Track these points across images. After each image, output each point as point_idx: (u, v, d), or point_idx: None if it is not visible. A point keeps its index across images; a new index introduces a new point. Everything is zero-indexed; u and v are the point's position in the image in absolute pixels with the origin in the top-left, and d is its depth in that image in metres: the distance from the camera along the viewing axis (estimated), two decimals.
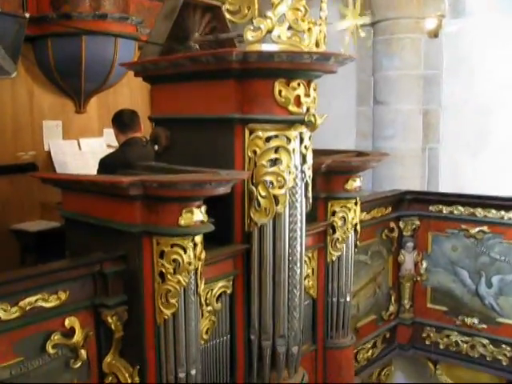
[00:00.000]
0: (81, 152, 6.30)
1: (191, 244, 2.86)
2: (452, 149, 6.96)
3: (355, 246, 4.24)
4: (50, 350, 2.80)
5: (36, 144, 6.15)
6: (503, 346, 5.19)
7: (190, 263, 2.86)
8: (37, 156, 6.13)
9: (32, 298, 2.67)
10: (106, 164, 4.70)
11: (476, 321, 5.33)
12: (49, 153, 6.16)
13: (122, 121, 4.98)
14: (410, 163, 6.96)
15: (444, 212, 5.46)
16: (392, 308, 5.50)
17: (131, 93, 6.90)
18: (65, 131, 6.37)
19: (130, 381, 2.99)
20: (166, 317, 2.90)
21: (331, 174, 4.07)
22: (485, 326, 5.28)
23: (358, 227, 4.22)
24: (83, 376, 2.95)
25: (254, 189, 3.29)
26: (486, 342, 5.29)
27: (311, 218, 3.98)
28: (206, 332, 3.27)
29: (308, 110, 3.30)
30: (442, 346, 5.49)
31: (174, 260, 2.85)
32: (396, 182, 6.48)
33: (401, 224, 5.54)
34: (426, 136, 7.08)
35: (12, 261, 5.48)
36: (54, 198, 4.78)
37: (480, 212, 5.27)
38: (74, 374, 2.92)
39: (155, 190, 2.77)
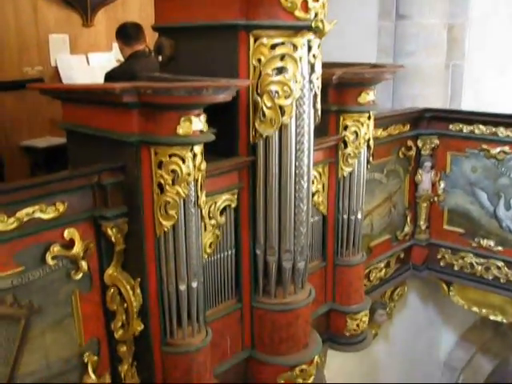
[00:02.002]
0: (89, 67, 6.14)
1: (190, 154, 2.74)
2: (477, 65, 6.63)
3: (368, 162, 4.09)
4: (50, 262, 2.77)
5: (42, 59, 5.99)
6: None
7: (189, 174, 2.75)
8: (44, 71, 5.99)
9: (29, 209, 2.61)
10: (111, 77, 4.56)
11: (492, 243, 5.22)
12: (56, 68, 6.01)
13: (126, 33, 4.81)
14: (432, 81, 6.65)
15: (464, 131, 5.25)
16: (407, 228, 5.40)
17: (141, 6, 6.65)
18: (72, 46, 6.20)
19: (131, 293, 2.96)
20: (166, 229, 2.83)
21: (343, 87, 3.87)
22: (501, 248, 5.18)
23: (371, 143, 4.06)
24: (85, 287, 2.93)
25: (258, 99, 3.14)
26: (500, 264, 5.20)
27: (322, 132, 3.83)
28: (210, 246, 3.21)
29: (316, 15, 3.09)
30: (456, 268, 5.41)
31: (173, 171, 2.74)
32: (417, 101, 6.21)
33: (419, 142, 5.35)
34: (450, 52, 6.73)
35: (22, 177, 5.44)
36: None
37: (502, 131, 5.05)
38: (75, 285, 2.89)
39: (151, 97, 2.64)
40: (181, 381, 3.04)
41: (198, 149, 2.77)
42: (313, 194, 3.72)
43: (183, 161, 2.73)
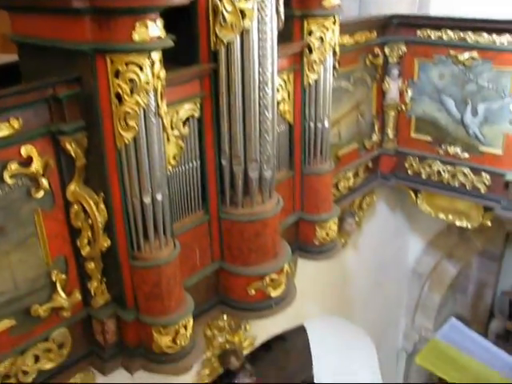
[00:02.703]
0: None
1: (148, 62, 2.62)
2: None
3: (334, 69, 3.99)
4: (9, 180, 2.69)
5: None
6: (483, 174, 5.15)
7: (147, 83, 2.64)
8: None
9: None
10: None
11: (459, 150, 5.24)
12: None
13: None
14: None
15: (432, 37, 5.15)
16: (375, 137, 5.37)
17: None
18: None
19: (95, 208, 2.90)
20: (127, 141, 2.75)
21: None
22: (467, 155, 5.20)
23: (337, 49, 3.94)
24: (47, 205, 2.87)
25: (218, 2, 2.99)
26: (467, 171, 5.24)
27: (286, 38, 3.70)
28: (174, 157, 3.14)
29: None
30: (423, 176, 5.45)
31: (131, 80, 2.63)
32: (384, 7, 6.07)
33: (386, 50, 5.25)
34: None
35: None
36: None
37: (470, 36, 4.96)
38: (37, 204, 2.83)
39: (102, 1, 2.48)
40: (151, 295, 3.05)
41: (156, 56, 2.65)
42: (278, 103, 3.63)
43: (141, 69, 2.61)
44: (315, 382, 8.40)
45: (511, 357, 6.80)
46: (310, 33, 3.78)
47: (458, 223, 5.56)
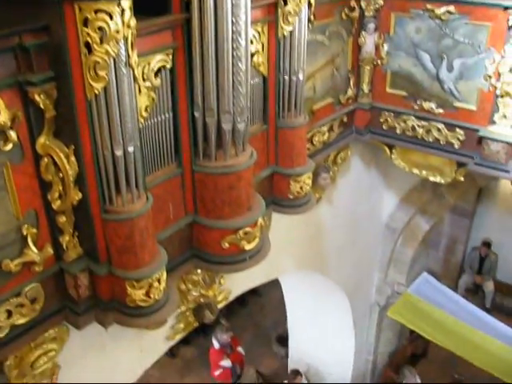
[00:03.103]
0: None
1: (118, 9, 2.55)
2: None
3: (309, 21, 3.92)
4: None
5: None
6: (457, 130, 5.16)
7: (117, 31, 2.57)
8: None
9: None
10: None
11: (434, 105, 5.23)
12: None
13: None
14: None
15: None
16: (350, 92, 5.34)
17: None
18: None
19: (65, 161, 2.84)
20: (97, 91, 2.68)
21: None
22: (442, 110, 5.20)
23: (313, 0, 3.87)
24: (16, 158, 2.80)
25: None
26: (441, 126, 5.25)
27: None
28: (146, 109, 3.08)
29: None
30: (398, 131, 5.45)
31: (100, 28, 2.56)
32: None
33: (362, 3, 5.16)
34: None
35: None
36: None
37: None
38: (5, 157, 2.76)
39: None
40: (123, 248, 3.03)
41: (125, 3, 2.58)
42: (252, 55, 3.57)
43: (110, 17, 2.54)
44: (290, 336, 8.54)
45: (480, 310, 6.96)
46: None
47: (431, 178, 5.60)
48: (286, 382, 8.23)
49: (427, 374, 8.94)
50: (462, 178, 5.41)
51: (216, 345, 8.42)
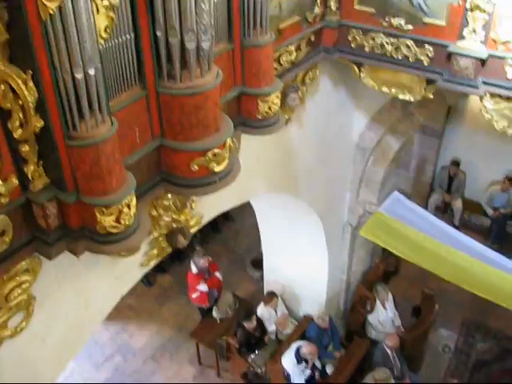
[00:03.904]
0: None
1: None
2: None
3: None
4: None
5: None
6: (426, 46, 5.08)
7: None
8: None
9: None
10: None
11: (403, 22, 5.11)
12: None
13: None
14: None
15: None
16: (317, 9, 5.16)
17: None
18: None
19: (24, 88, 2.72)
20: (52, 11, 2.54)
21: None
22: (411, 26, 5.09)
23: None
24: None
25: None
26: (410, 43, 5.15)
27: None
28: (105, 30, 2.94)
29: None
30: (367, 49, 5.34)
31: None
32: None
33: None
34: None
35: None
36: None
37: None
38: None
39: None
40: (90, 174, 2.97)
41: None
42: None
43: None
44: (264, 259, 8.67)
45: (449, 226, 7.10)
46: None
47: (400, 96, 5.55)
48: (262, 303, 8.40)
49: (399, 290, 9.23)
50: (432, 96, 5.38)
51: (194, 269, 8.52)
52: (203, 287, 8.56)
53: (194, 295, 8.67)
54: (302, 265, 7.94)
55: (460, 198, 11.27)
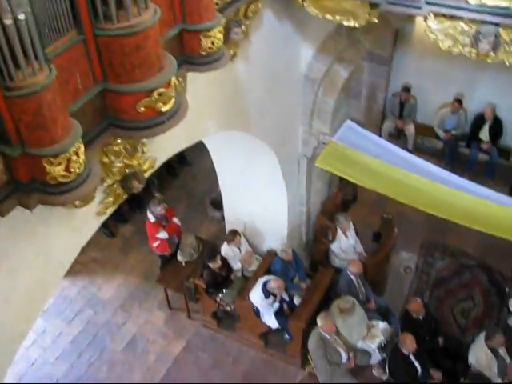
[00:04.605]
0: None
1: None
2: None
3: None
4: None
5: None
6: None
7: None
8: None
9: None
10: None
11: None
12: None
13: None
14: None
15: None
16: None
17: None
18: None
19: None
20: None
21: None
22: None
23: None
24: None
25: None
26: None
27: None
28: None
29: None
30: None
31: None
32: None
33: None
34: None
35: None
36: None
37: None
38: None
39: None
40: (34, 125, 2.89)
41: None
42: None
43: None
44: (223, 198, 8.69)
45: (403, 150, 7.21)
46: None
47: (345, 23, 5.48)
48: (225, 243, 8.48)
49: (359, 217, 9.41)
50: (376, 20, 5.33)
51: (151, 218, 8.50)
52: (163, 235, 8.57)
53: (155, 244, 8.69)
54: (261, 201, 7.99)
55: (412, 122, 11.41)
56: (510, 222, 6.38)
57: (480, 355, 7.19)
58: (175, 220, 8.80)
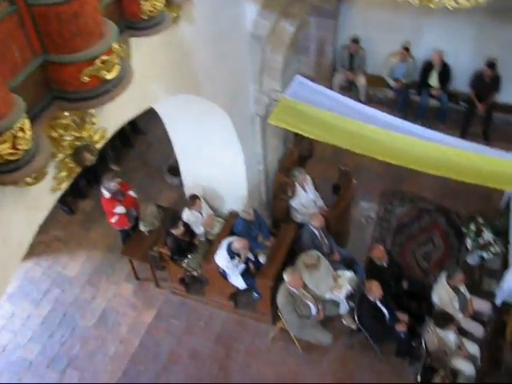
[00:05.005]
0: None
1: None
2: None
3: None
4: None
5: None
6: None
7: None
8: None
9: None
10: None
11: None
12: None
13: None
14: None
15: None
16: None
17: None
18: None
19: None
20: None
21: None
22: None
23: None
24: None
25: None
26: None
27: None
28: None
29: None
30: None
31: None
32: None
33: None
34: None
35: None
36: None
37: None
38: None
39: None
40: None
41: None
42: None
43: None
44: (180, 164, 8.63)
45: (356, 102, 7.23)
46: None
47: None
48: (186, 208, 8.46)
49: (317, 172, 9.50)
50: None
51: (106, 194, 8.40)
52: (120, 209, 8.52)
53: (113, 220, 8.64)
54: (218, 163, 7.97)
55: (363, 74, 11.46)
56: (463, 164, 6.51)
57: (442, 294, 7.42)
58: (131, 193, 8.73)
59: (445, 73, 10.86)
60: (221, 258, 7.84)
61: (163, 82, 5.19)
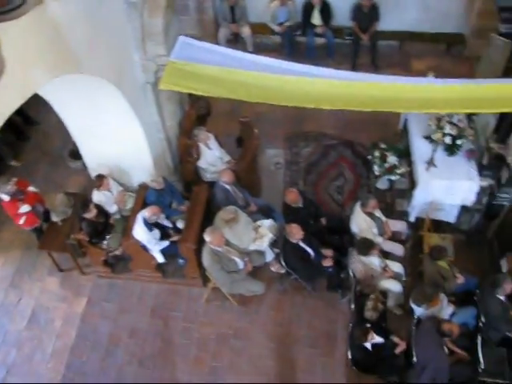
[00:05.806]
0: None
1: None
2: None
3: None
4: None
5: None
6: None
7: None
8: None
9: None
10: None
11: None
12: None
13: None
14: None
15: None
16: None
17: None
18: None
19: None
20: None
21: None
22: None
23: None
24: None
25: None
26: None
27: None
28: None
29: None
30: None
31: None
32: None
33: None
34: None
35: None
36: None
37: None
38: None
39: None
40: None
41: None
42: None
43: None
44: (79, 147, 8.39)
45: (243, 52, 7.20)
46: None
47: None
48: (95, 189, 8.29)
49: (219, 128, 9.49)
50: None
51: (5, 198, 8.11)
52: (25, 208, 8.30)
53: (21, 221, 8.40)
54: (117, 139, 7.80)
55: (246, 24, 11.49)
56: (358, 95, 6.65)
57: (360, 223, 7.72)
58: (31, 189, 8.49)
59: (326, 10, 11.07)
60: (139, 231, 7.79)
61: (42, 65, 4.96)
